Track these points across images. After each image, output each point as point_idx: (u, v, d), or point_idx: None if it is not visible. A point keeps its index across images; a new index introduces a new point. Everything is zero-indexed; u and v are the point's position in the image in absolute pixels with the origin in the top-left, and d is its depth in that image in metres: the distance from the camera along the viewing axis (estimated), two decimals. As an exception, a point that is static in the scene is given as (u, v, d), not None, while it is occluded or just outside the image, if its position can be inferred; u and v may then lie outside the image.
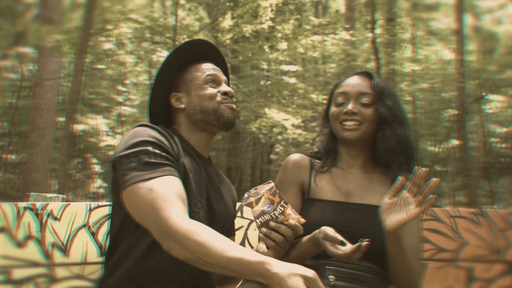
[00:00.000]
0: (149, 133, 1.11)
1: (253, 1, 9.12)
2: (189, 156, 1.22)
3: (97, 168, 13.02)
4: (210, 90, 1.26)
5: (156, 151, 1.08)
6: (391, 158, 1.37)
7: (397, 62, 11.62)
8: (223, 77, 1.31)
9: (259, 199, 1.12)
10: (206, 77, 1.26)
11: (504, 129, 12.36)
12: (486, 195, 10.78)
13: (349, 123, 1.36)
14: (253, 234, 1.65)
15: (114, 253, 1.15)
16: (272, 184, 1.15)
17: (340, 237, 1.15)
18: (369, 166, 1.42)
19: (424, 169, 1.12)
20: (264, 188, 1.13)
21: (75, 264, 1.47)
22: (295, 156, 1.44)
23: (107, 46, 11.92)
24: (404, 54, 13.24)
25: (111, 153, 12.95)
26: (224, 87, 1.28)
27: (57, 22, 9.23)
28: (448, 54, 12.81)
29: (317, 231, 1.21)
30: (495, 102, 12.31)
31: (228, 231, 1.38)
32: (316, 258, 1.28)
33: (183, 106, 1.26)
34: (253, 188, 1.15)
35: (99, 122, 12.93)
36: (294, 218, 1.12)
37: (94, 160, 12.94)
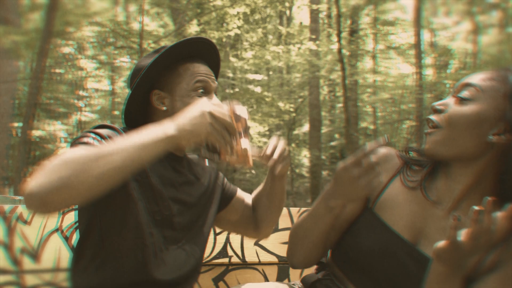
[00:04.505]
0: (98, 130, 1.02)
1: (221, 9, 9.13)
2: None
3: (53, 176, 12.47)
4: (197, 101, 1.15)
5: (94, 137, 0.98)
6: None
7: (359, 73, 11.99)
8: (214, 85, 1.15)
9: None
10: (196, 84, 1.11)
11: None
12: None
13: (427, 128, 0.96)
14: (235, 238, 1.61)
15: (78, 263, 1.08)
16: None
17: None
18: (470, 206, 0.84)
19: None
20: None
21: (47, 270, 1.37)
22: (383, 150, 1.07)
23: (67, 50, 11.55)
24: (365, 66, 13.71)
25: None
26: (212, 100, 1.12)
27: (14, 22, 8.82)
28: (406, 67, 13.39)
29: None
30: (449, 114, 12.95)
31: (229, 194, 1.30)
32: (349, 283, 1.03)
33: (164, 108, 1.11)
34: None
35: (56, 128, 12.45)
36: (242, 150, 0.95)
37: (51, 168, 12.39)
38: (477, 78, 0.94)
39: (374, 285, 0.96)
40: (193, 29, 9.38)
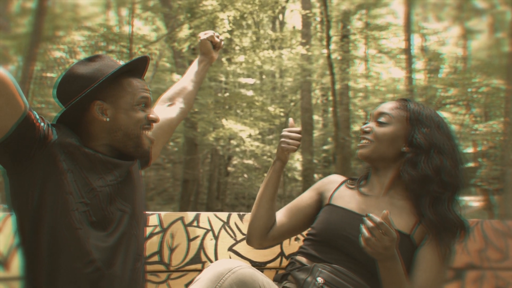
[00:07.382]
0: None
1: (211, 13, 9.15)
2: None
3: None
4: (140, 114, 1.20)
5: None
6: (422, 189, 1.32)
7: (350, 78, 12.03)
8: (151, 98, 1.27)
9: None
10: (140, 99, 1.20)
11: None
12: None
13: (362, 141, 1.41)
14: (209, 244, 1.61)
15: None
16: None
17: None
18: (396, 193, 1.39)
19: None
20: None
21: (16, 278, 1.36)
22: (333, 175, 1.58)
23: (58, 54, 11.49)
24: (357, 71, 13.76)
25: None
26: (152, 113, 1.23)
27: (3, 27, 8.80)
28: (397, 71, 13.46)
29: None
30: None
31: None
32: (314, 260, 1.33)
33: (107, 119, 1.16)
34: None
35: (47, 132, 12.32)
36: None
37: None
38: (388, 108, 1.40)
39: (338, 253, 1.31)
40: (184, 33, 9.39)
